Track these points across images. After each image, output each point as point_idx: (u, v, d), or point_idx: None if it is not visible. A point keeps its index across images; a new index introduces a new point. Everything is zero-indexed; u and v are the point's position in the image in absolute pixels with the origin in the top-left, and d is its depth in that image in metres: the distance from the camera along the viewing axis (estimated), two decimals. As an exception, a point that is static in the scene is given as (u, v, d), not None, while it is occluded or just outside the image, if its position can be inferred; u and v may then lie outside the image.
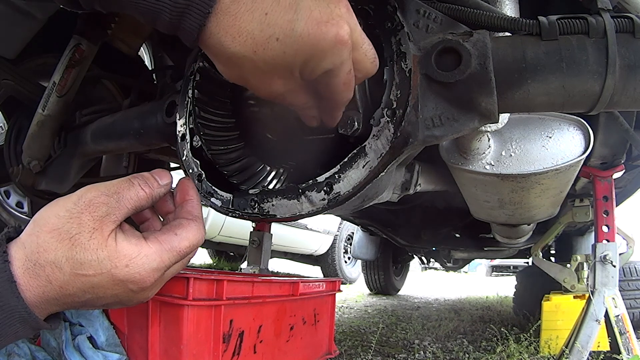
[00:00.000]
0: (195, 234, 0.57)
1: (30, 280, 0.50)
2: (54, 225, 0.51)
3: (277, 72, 0.48)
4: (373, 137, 0.59)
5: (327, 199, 0.60)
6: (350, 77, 0.52)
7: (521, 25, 0.60)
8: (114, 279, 0.51)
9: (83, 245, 0.50)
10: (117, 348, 1.10)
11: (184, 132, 0.75)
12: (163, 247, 0.54)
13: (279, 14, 0.45)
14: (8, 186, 1.67)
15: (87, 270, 0.50)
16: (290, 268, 6.91)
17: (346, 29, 0.47)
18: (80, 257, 0.50)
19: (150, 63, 1.86)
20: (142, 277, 0.52)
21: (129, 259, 0.51)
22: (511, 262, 9.35)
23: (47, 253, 0.50)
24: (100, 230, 0.51)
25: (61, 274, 0.50)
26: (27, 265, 0.50)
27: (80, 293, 0.51)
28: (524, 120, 1.09)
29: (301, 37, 0.45)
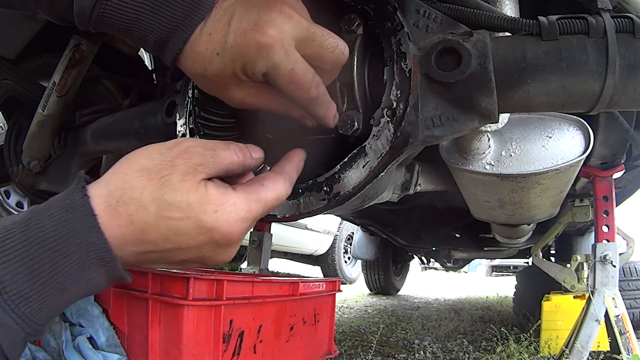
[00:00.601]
0: (282, 186, 0.55)
1: (111, 218, 0.47)
2: (144, 164, 0.49)
3: (226, 82, 0.54)
4: (373, 137, 0.59)
5: (327, 199, 0.60)
6: (295, 77, 0.53)
7: (521, 25, 0.60)
8: (200, 225, 0.48)
9: (173, 185, 0.48)
10: (117, 349, 1.10)
11: (184, 132, 0.75)
12: (250, 196, 0.52)
13: (218, 32, 0.52)
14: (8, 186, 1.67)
15: (174, 212, 0.47)
16: (290, 268, 6.91)
17: (270, 33, 0.50)
18: (169, 197, 0.47)
19: (150, 63, 1.86)
20: (230, 226, 0.50)
21: (217, 204, 0.49)
22: (511, 262, 9.35)
23: (133, 190, 0.47)
24: (193, 175, 0.49)
25: (145, 213, 0.47)
26: (108, 202, 0.47)
27: (162, 240, 0.48)
28: (524, 120, 1.09)
29: (232, 48, 0.51)
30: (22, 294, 0.43)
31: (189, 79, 0.75)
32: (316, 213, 0.62)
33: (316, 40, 0.53)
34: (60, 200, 0.47)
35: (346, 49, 0.57)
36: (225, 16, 0.52)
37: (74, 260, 0.45)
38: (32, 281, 0.44)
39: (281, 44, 0.51)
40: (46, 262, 0.44)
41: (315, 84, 0.55)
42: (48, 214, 0.46)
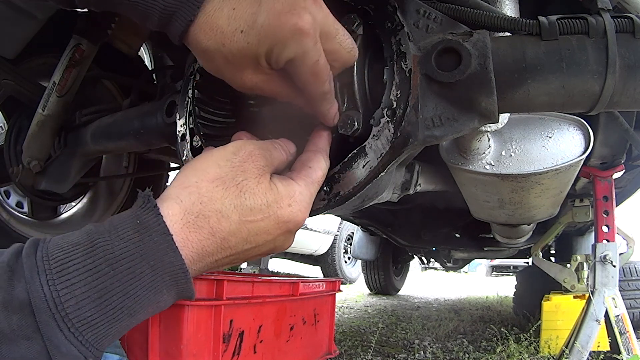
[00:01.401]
0: (324, 162, 0.57)
1: (190, 234, 0.46)
2: (216, 174, 0.48)
3: (244, 63, 0.51)
4: (373, 137, 0.59)
5: (327, 199, 0.60)
6: (318, 68, 0.52)
7: (521, 25, 0.60)
8: (278, 220, 0.50)
9: (252, 190, 0.48)
10: (117, 349, 1.09)
11: (184, 132, 0.75)
12: (307, 181, 0.54)
13: (244, 8, 0.48)
14: (8, 186, 1.67)
15: (256, 215, 0.48)
16: (290, 268, 6.91)
17: (307, 19, 0.48)
18: (250, 202, 0.48)
19: (150, 63, 1.86)
20: (303, 214, 0.52)
21: (290, 198, 0.51)
22: (511, 262, 9.34)
23: (213, 202, 0.47)
24: (264, 177, 0.50)
25: (228, 222, 0.47)
26: (186, 219, 0.46)
27: (242, 244, 0.49)
28: (524, 120, 1.09)
29: (262, 28, 0.48)
30: (87, 321, 0.40)
31: (189, 78, 0.75)
32: (316, 213, 0.62)
33: (338, 37, 0.53)
34: (128, 221, 0.45)
35: (357, 52, 0.56)
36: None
37: (147, 283, 0.43)
38: (101, 306, 0.41)
39: (314, 32, 0.49)
40: (116, 285, 0.42)
41: (330, 79, 0.55)
42: (115, 235, 0.43)
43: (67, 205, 1.79)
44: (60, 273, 0.40)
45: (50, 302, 0.39)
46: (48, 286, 0.40)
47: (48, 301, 0.39)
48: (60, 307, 0.39)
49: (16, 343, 0.38)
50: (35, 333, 0.39)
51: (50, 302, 0.39)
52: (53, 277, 0.40)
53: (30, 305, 0.39)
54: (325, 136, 0.60)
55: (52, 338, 0.39)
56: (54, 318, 0.39)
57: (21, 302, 0.39)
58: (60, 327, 0.39)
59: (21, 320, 0.39)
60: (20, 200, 1.77)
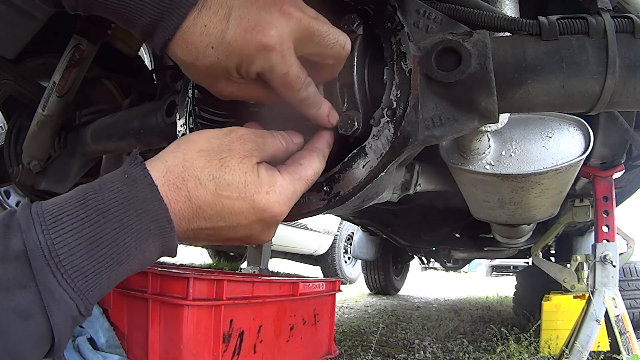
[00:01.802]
0: (317, 162, 0.58)
1: (170, 192, 0.48)
2: (203, 146, 0.51)
3: (217, 75, 0.54)
4: (373, 137, 0.59)
5: (327, 199, 0.60)
6: (288, 79, 0.54)
7: (521, 25, 0.60)
8: (254, 205, 0.51)
9: (232, 167, 0.50)
10: (117, 349, 1.10)
11: (184, 132, 0.75)
12: (293, 177, 0.55)
13: (214, 25, 0.50)
14: (8, 186, 1.67)
15: (232, 191, 0.50)
16: (290, 268, 6.91)
17: (272, 35, 0.50)
18: (228, 177, 0.50)
19: (150, 63, 1.86)
20: (280, 206, 0.53)
21: (269, 186, 0.52)
22: (511, 262, 9.34)
23: (193, 169, 0.49)
24: (249, 158, 0.52)
25: (204, 191, 0.49)
26: (167, 177, 0.48)
27: (216, 218, 0.50)
28: (524, 120, 1.09)
29: (230, 44, 0.50)
30: (79, 267, 0.42)
31: (189, 79, 0.75)
32: (316, 213, 0.62)
33: (314, 39, 0.54)
34: (117, 175, 0.47)
35: (347, 43, 0.57)
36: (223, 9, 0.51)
37: (135, 231, 0.45)
38: (91, 253, 0.43)
39: (281, 46, 0.51)
40: (106, 232, 0.44)
41: (305, 86, 0.56)
42: (105, 188, 0.46)
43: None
44: (55, 223, 0.42)
45: (45, 249, 0.41)
46: (43, 235, 0.41)
47: (43, 249, 0.41)
48: (55, 254, 0.41)
49: (12, 292, 0.39)
50: (30, 281, 0.40)
51: (45, 250, 0.41)
52: (48, 227, 0.42)
53: (26, 255, 0.41)
54: (325, 137, 0.61)
55: (47, 284, 0.41)
56: (48, 265, 0.41)
57: (17, 252, 0.41)
58: (54, 274, 0.41)
59: (17, 269, 0.40)
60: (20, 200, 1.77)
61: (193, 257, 6.72)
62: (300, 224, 5.12)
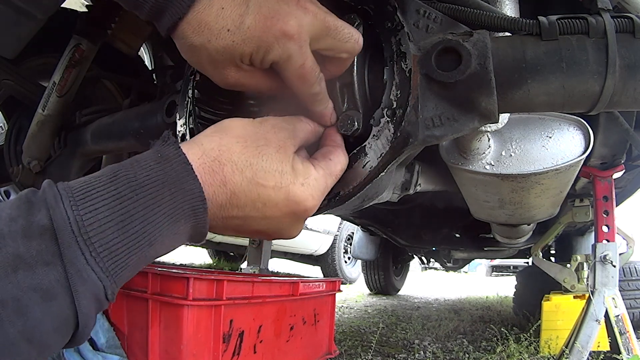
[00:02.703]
0: (343, 158, 0.58)
1: (205, 175, 0.46)
2: (240, 133, 0.50)
3: (227, 60, 0.52)
4: (373, 137, 0.59)
5: (327, 198, 0.60)
6: (304, 71, 0.53)
7: (521, 25, 0.60)
8: (289, 196, 0.50)
9: (270, 155, 0.49)
10: (117, 350, 1.10)
11: (184, 132, 0.75)
12: (325, 171, 0.55)
13: (232, 8, 0.49)
14: (8, 186, 1.67)
15: (269, 180, 0.49)
16: (290, 268, 6.91)
17: (292, 24, 0.50)
18: (265, 165, 0.49)
19: (150, 63, 1.86)
20: (313, 200, 0.52)
21: (305, 177, 0.51)
22: (511, 262, 9.34)
23: (231, 153, 0.48)
24: (285, 148, 0.51)
25: (240, 177, 0.47)
26: (203, 159, 0.46)
27: (249, 207, 0.49)
28: (524, 120, 1.09)
29: (249, 29, 0.50)
30: (109, 246, 0.39)
31: (189, 78, 0.75)
32: (316, 213, 0.62)
33: (330, 33, 0.54)
34: (150, 154, 0.45)
35: (360, 38, 0.57)
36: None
37: (167, 210, 0.43)
38: (122, 231, 0.40)
39: (299, 37, 0.51)
40: (139, 209, 0.41)
41: (319, 81, 0.56)
42: (138, 165, 0.44)
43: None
44: (84, 199, 0.40)
45: (73, 225, 0.38)
46: (72, 210, 0.39)
47: (72, 224, 0.38)
48: (84, 230, 0.38)
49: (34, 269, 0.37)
50: (55, 258, 0.37)
51: (74, 225, 0.38)
52: (77, 202, 0.39)
53: (52, 229, 0.38)
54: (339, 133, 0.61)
55: (75, 262, 0.38)
56: (76, 241, 0.38)
57: (42, 227, 0.38)
58: (83, 251, 0.38)
59: (41, 245, 0.37)
60: (20, 200, 1.78)
61: (193, 257, 6.73)
62: (300, 224, 5.10)
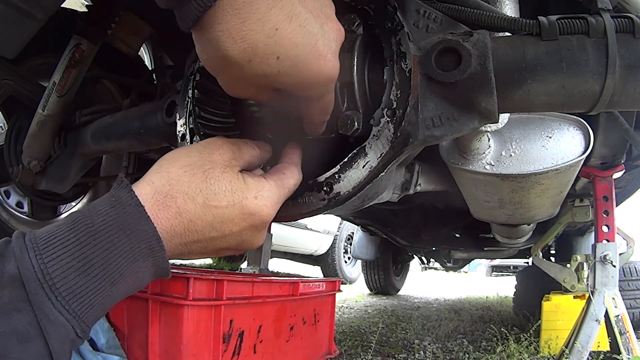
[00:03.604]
0: (297, 174, 0.60)
1: (159, 211, 0.48)
2: (185, 162, 0.52)
3: (259, 83, 0.49)
4: (373, 137, 0.59)
5: (327, 199, 0.60)
6: (328, 106, 0.56)
7: (521, 25, 0.60)
8: (243, 211, 0.52)
9: (217, 177, 0.51)
10: (117, 350, 1.09)
11: (184, 132, 0.75)
12: (278, 183, 0.57)
13: (288, 33, 0.44)
14: (8, 186, 1.67)
15: (220, 201, 0.51)
16: (290, 268, 6.91)
17: (337, 65, 0.51)
18: (214, 188, 0.51)
19: (150, 63, 1.86)
20: (268, 210, 0.54)
21: (256, 191, 0.53)
22: (511, 262, 9.34)
23: (180, 185, 0.50)
24: (231, 167, 0.53)
25: (193, 205, 0.50)
26: (156, 198, 0.49)
27: (208, 229, 0.51)
28: (524, 120, 1.09)
29: (300, 64, 0.46)
30: (72, 290, 0.43)
31: (189, 78, 0.75)
32: (316, 213, 0.62)
33: None
34: (105, 199, 0.48)
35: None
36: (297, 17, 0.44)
37: (124, 251, 0.46)
38: (83, 275, 0.43)
39: (334, 73, 0.51)
40: (97, 254, 0.44)
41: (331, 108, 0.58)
42: (94, 212, 0.47)
43: (67, 205, 1.79)
44: (47, 248, 0.43)
45: (38, 273, 0.42)
46: (36, 259, 0.43)
47: (37, 272, 0.42)
48: (48, 277, 0.42)
49: (8, 315, 0.40)
50: (26, 304, 0.41)
51: (39, 273, 0.42)
52: (41, 252, 0.43)
53: (20, 279, 0.42)
54: (298, 152, 0.64)
55: (42, 307, 0.41)
56: (42, 288, 0.42)
57: (12, 276, 0.42)
58: (49, 296, 0.42)
59: (12, 293, 0.41)
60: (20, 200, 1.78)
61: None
62: (300, 224, 5.12)
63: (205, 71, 0.73)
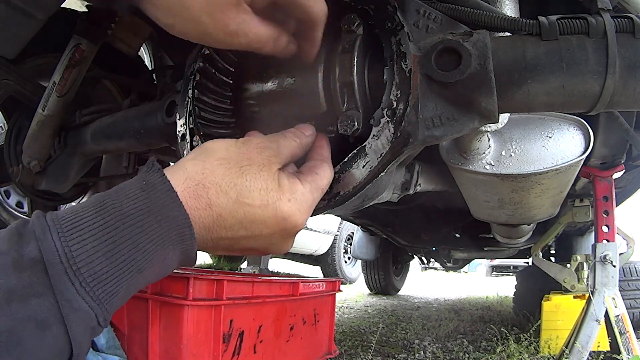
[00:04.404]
0: (329, 172, 0.58)
1: (190, 200, 0.46)
2: (223, 155, 0.50)
3: (229, 3, 0.50)
4: (373, 137, 0.59)
5: (327, 199, 0.60)
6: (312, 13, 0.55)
7: (521, 25, 0.60)
8: (276, 213, 0.50)
9: (253, 175, 0.50)
10: (117, 351, 1.10)
11: (184, 132, 0.75)
12: (312, 185, 0.55)
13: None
14: (8, 186, 1.67)
15: (254, 199, 0.49)
16: (290, 268, 6.91)
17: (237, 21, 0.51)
18: (249, 184, 0.49)
19: (150, 63, 1.86)
20: (302, 215, 0.52)
21: (291, 193, 0.51)
22: (511, 262, 9.34)
23: (214, 176, 0.48)
24: (269, 166, 0.51)
25: (226, 199, 0.48)
26: (187, 184, 0.47)
27: (237, 227, 0.49)
28: (524, 120, 1.09)
29: (189, 21, 0.50)
30: (97, 275, 0.40)
31: (189, 78, 0.75)
32: (316, 213, 0.62)
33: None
34: (135, 182, 0.46)
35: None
36: None
37: (154, 237, 0.43)
38: (110, 260, 0.41)
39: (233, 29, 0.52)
40: (126, 238, 0.42)
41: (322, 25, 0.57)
42: (123, 194, 0.44)
43: (67, 205, 1.80)
44: (71, 230, 0.41)
45: (62, 256, 0.39)
46: (60, 242, 0.40)
47: (60, 256, 0.39)
48: (72, 261, 0.39)
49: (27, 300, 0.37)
50: (47, 289, 0.38)
51: (63, 257, 0.39)
52: (65, 234, 0.40)
53: (42, 262, 0.39)
54: (326, 145, 0.62)
55: (65, 292, 0.39)
56: (65, 272, 0.39)
57: (32, 259, 0.39)
58: (72, 281, 0.39)
59: (32, 277, 0.38)
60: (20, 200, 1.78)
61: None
62: (300, 224, 5.10)
63: (205, 71, 0.73)
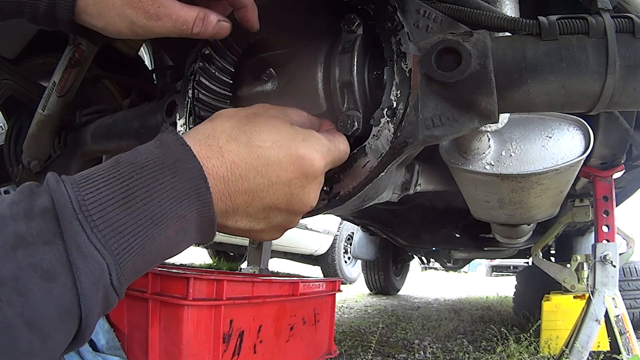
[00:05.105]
0: (347, 145, 0.58)
1: (202, 150, 0.46)
2: (230, 113, 0.52)
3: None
4: (373, 137, 0.59)
5: (327, 199, 0.60)
6: None
7: (521, 25, 0.60)
8: (290, 152, 0.49)
9: (262, 121, 0.50)
10: (117, 351, 1.10)
11: (184, 132, 0.75)
12: (329, 137, 0.55)
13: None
14: (8, 186, 1.67)
15: (265, 140, 0.48)
16: (290, 268, 6.91)
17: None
18: (259, 128, 0.49)
19: (150, 63, 1.86)
20: (318, 155, 0.51)
21: (305, 134, 0.51)
22: (511, 262, 9.33)
23: (223, 126, 0.49)
24: (277, 117, 0.52)
25: (236, 144, 0.47)
26: (198, 138, 0.47)
27: (252, 173, 0.47)
28: (524, 120, 1.09)
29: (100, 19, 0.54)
30: (111, 223, 0.39)
31: (189, 78, 0.75)
32: (316, 213, 0.62)
33: None
34: (150, 142, 0.46)
35: None
36: None
37: (169, 189, 0.42)
38: (123, 208, 0.39)
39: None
40: (140, 187, 0.41)
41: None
42: (137, 152, 0.44)
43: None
44: (86, 181, 0.40)
45: (74, 202, 0.38)
46: (73, 190, 0.39)
47: (72, 203, 0.38)
48: (85, 207, 0.38)
49: (34, 248, 0.36)
50: (56, 237, 0.37)
51: (75, 203, 0.38)
52: (78, 185, 0.39)
53: (53, 210, 0.37)
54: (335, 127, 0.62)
55: (75, 237, 0.37)
56: (77, 218, 0.37)
57: (43, 208, 0.38)
58: (84, 227, 0.37)
59: (42, 225, 0.37)
60: (20, 200, 1.78)
61: (193, 257, 6.73)
62: (300, 224, 5.11)
63: (205, 71, 0.73)
